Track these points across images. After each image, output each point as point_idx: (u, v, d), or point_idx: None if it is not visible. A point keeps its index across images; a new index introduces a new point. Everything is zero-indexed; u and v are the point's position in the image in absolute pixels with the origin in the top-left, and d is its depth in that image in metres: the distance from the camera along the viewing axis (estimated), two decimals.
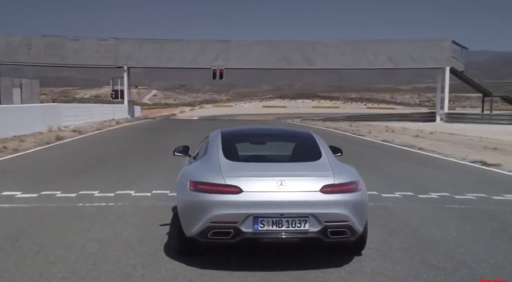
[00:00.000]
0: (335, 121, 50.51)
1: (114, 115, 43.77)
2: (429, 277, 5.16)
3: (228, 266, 5.50)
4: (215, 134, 6.61)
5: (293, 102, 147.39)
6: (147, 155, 16.81)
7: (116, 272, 5.42)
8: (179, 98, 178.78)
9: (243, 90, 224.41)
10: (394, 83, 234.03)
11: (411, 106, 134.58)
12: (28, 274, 5.36)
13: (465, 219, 7.76)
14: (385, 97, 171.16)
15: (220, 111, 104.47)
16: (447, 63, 49.03)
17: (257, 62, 50.87)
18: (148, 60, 51.54)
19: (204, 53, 50.11)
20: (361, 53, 49.94)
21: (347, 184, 5.45)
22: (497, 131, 31.81)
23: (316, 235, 5.26)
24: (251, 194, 5.29)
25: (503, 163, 14.63)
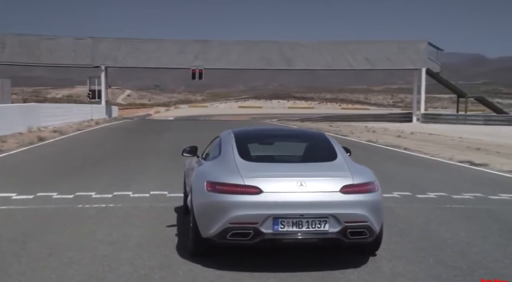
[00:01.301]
0: (314, 121, 50.81)
1: (92, 115, 43.22)
2: (448, 277, 5.20)
3: (246, 267, 5.47)
4: (227, 135, 6.58)
5: (269, 102, 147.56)
6: (135, 156, 16.65)
7: (134, 274, 5.36)
8: (154, 99, 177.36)
9: (218, 91, 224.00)
10: (367, 84, 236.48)
11: (384, 107, 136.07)
12: (45, 276, 5.28)
13: (469, 219, 7.87)
14: (359, 98, 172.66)
15: (196, 111, 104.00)
16: (423, 65, 49.78)
17: (236, 62, 50.86)
18: (126, 60, 51.07)
19: (182, 53, 49.89)
20: (339, 54, 50.34)
21: (366, 184, 5.48)
22: (474, 131, 32.42)
23: (336, 235, 5.27)
24: (272, 195, 5.27)
25: (489, 162, 14.91)
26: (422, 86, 50.15)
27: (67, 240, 6.57)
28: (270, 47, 51.29)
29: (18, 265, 5.61)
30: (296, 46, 51.50)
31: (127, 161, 15.18)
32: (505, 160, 15.97)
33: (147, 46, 51.12)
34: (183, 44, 51.62)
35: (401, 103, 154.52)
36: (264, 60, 50.68)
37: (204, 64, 49.24)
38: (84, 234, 6.91)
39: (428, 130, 33.26)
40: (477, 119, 48.92)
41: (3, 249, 6.17)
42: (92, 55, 50.16)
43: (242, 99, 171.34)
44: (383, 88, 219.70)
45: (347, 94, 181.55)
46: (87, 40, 51.27)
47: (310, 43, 52.75)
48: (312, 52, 50.44)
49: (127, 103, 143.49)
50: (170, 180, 11.47)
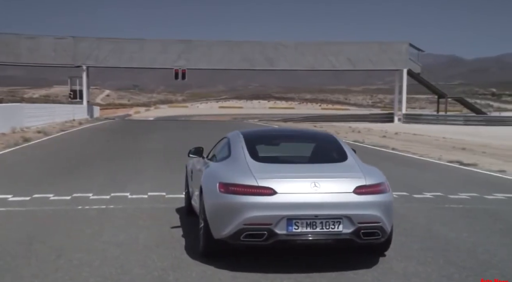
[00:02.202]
0: (296, 122, 50.98)
1: (74, 115, 42.77)
2: (461, 277, 5.26)
3: (259, 268, 5.47)
4: (235, 136, 6.58)
5: (249, 103, 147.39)
6: (126, 157, 16.55)
7: (148, 275, 5.35)
8: (133, 99, 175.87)
9: (198, 91, 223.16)
10: (346, 84, 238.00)
11: (364, 107, 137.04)
12: (58, 278, 5.25)
13: (470, 219, 7.99)
14: (339, 98, 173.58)
15: (176, 111, 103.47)
16: (405, 65, 50.28)
17: (219, 62, 50.75)
18: (107, 60, 50.59)
19: (165, 53, 49.62)
20: (322, 54, 50.59)
21: (378, 185, 5.54)
22: (456, 132, 32.86)
23: (349, 236, 5.30)
24: (286, 196, 5.29)
25: (478, 162, 15.15)
26: (404, 87, 50.65)
27: (74, 242, 6.53)
28: (253, 47, 51.32)
29: (28, 267, 5.57)
30: (278, 46, 51.58)
31: (118, 161, 15.08)
32: (492, 159, 16.24)
33: (129, 45, 50.73)
34: (165, 44, 51.33)
35: (380, 103, 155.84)
36: (246, 60, 50.68)
37: (187, 64, 49.06)
38: (89, 235, 6.86)
39: (411, 130, 33.62)
40: (457, 120, 49.63)
41: (10, 252, 6.11)
42: (73, 55, 49.57)
43: (222, 99, 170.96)
44: (362, 89, 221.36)
45: (327, 95, 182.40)
46: (68, 40, 50.66)
47: (293, 43, 52.87)
48: (295, 52, 50.59)
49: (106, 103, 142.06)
50: (166, 180, 11.45)
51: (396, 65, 50.80)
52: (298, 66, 52.21)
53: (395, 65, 50.90)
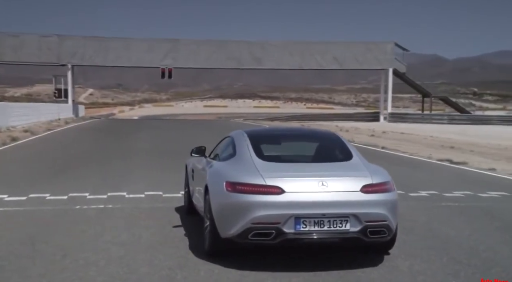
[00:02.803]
0: (283, 121, 51.12)
1: (60, 115, 42.37)
2: (466, 275, 5.33)
3: (267, 267, 5.49)
4: (239, 135, 6.59)
5: (234, 102, 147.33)
6: (117, 156, 16.48)
7: (155, 275, 5.36)
8: (117, 98, 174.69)
9: (182, 90, 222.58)
10: (331, 83, 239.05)
11: (348, 106, 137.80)
12: (66, 278, 5.24)
13: (467, 217, 8.09)
14: (323, 97, 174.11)
15: (161, 111, 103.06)
16: (390, 65, 50.64)
17: (206, 61, 50.62)
18: (93, 59, 50.21)
19: (151, 52, 49.36)
20: (309, 54, 50.74)
21: (384, 184, 5.59)
22: (442, 130, 33.18)
23: (356, 235, 5.34)
24: (294, 195, 5.32)
25: (467, 161, 15.34)
26: (389, 86, 51.00)
27: (77, 242, 6.51)
28: (240, 46, 51.28)
29: (34, 267, 5.55)
30: (266, 46, 51.61)
31: (110, 161, 15.01)
32: (481, 158, 16.45)
33: (116, 44, 50.38)
34: (152, 43, 51.08)
35: (364, 102, 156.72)
36: (234, 59, 50.63)
37: (174, 63, 48.86)
38: (91, 235, 6.84)
39: (397, 129, 33.87)
40: (442, 119, 50.16)
41: (14, 252, 6.09)
42: (58, 53, 49.05)
43: (207, 98, 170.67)
44: (346, 88, 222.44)
45: (311, 94, 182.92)
46: (53, 38, 50.14)
47: (280, 43, 52.98)
48: (282, 52, 50.69)
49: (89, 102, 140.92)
50: (161, 180, 11.44)
51: (382, 65, 51.16)
52: (285, 66, 52.30)
53: (381, 65, 51.27)
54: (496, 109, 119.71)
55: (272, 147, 6.58)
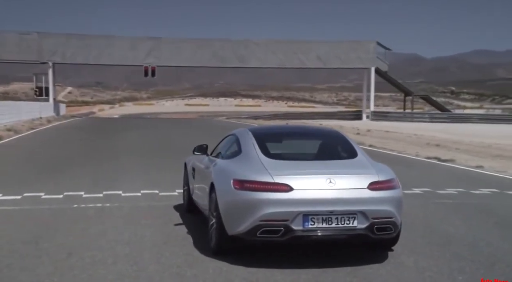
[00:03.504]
0: (266, 119, 51.19)
1: (41, 113, 41.88)
2: (471, 270, 5.41)
3: (275, 264, 5.52)
4: (244, 133, 6.62)
5: (216, 100, 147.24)
6: (107, 155, 16.38)
7: (165, 272, 5.37)
8: (97, 96, 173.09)
9: (163, 88, 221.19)
10: (311, 82, 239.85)
11: (329, 105, 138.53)
12: (76, 276, 5.24)
13: (463, 214, 8.21)
14: (304, 96, 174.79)
15: (142, 109, 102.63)
16: (373, 64, 51.00)
17: (189, 60, 50.43)
18: (75, 56, 49.65)
19: (134, 50, 49.04)
20: (292, 52, 50.89)
21: (390, 181, 5.67)
22: (425, 129, 33.54)
23: (363, 231, 5.40)
24: (302, 192, 5.37)
25: (455, 158, 15.57)
26: (372, 85, 51.42)
27: (80, 241, 6.49)
28: (223, 45, 51.21)
29: (42, 265, 5.53)
30: (249, 44, 51.59)
31: (100, 160, 14.93)
32: (467, 156, 16.69)
33: (98, 42, 49.94)
34: (134, 41, 50.78)
35: (345, 101, 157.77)
36: (217, 58, 50.54)
37: (157, 62, 48.59)
38: (94, 234, 6.82)
39: (381, 127, 34.14)
40: (423, 117, 50.74)
41: (18, 251, 6.05)
42: (38, 51, 48.41)
43: (188, 97, 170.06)
44: (327, 87, 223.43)
45: (293, 93, 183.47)
46: (33, 35, 49.45)
47: (264, 41, 53.01)
48: (265, 50, 50.76)
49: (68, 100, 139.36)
50: (155, 178, 11.43)
51: (364, 64, 51.54)
52: (268, 64, 52.41)
53: (363, 64, 51.64)
54: (473, 107, 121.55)
55: (276, 144, 6.61)
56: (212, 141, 8.21)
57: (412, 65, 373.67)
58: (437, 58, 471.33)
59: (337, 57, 51.50)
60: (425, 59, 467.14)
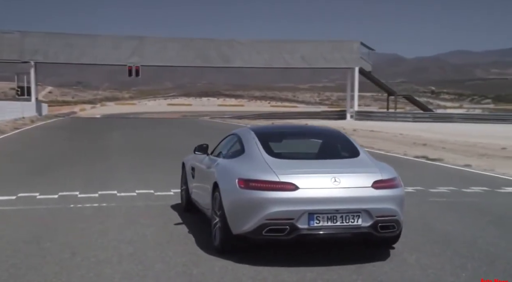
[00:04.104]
0: (251, 119, 51.23)
1: (23, 113, 41.38)
2: (473, 267, 5.50)
3: (280, 262, 5.56)
4: (246, 132, 6.65)
5: (198, 100, 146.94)
6: (96, 155, 16.35)
7: (172, 271, 5.39)
8: (78, 96, 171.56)
9: (144, 88, 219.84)
10: (293, 82, 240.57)
11: (312, 105, 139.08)
12: (84, 275, 5.24)
13: (457, 212, 8.33)
14: (287, 96, 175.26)
15: (124, 109, 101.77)
16: (356, 64, 51.38)
17: (173, 59, 50.28)
18: (57, 56, 49.18)
19: (118, 49, 48.72)
20: (277, 52, 51.03)
21: (393, 180, 5.75)
22: (409, 128, 33.87)
23: (368, 230, 5.47)
24: (308, 191, 5.42)
25: (443, 157, 15.79)
26: (356, 85, 51.76)
27: (82, 240, 6.48)
28: (208, 44, 51.15)
29: (48, 265, 5.51)
30: (233, 44, 51.60)
31: (91, 160, 14.87)
32: (454, 155, 16.93)
33: (81, 41, 49.53)
34: (118, 40, 50.49)
35: (327, 101, 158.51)
36: (201, 57, 50.44)
37: (141, 61, 48.33)
38: (95, 233, 6.81)
39: (366, 127, 34.42)
40: (406, 117, 51.22)
41: (21, 250, 6.04)
42: (20, 50, 47.88)
43: (170, 96, 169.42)
44: (309, 87, 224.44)
45: (275, 92, 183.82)
46: (15, 34, 48.89)
47: (248, 41, 53.06)
48: (250, 50, 50.83)
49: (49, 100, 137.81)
50: (147, 178, 11.44)
51: (348, 64, 51.87)
52: (253, 64, 52.50)
53: (347, 64, 51.97)
54: (453, 107, 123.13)
55: (278, 144, 6.64)
56: (200, 141, 8.25)
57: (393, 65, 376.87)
58: (418, 59, 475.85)
59: (321, 57, 51.75)
60: (405, 60, 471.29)
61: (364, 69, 51.76)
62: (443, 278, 5.20)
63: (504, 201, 9.36)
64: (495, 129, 34.29)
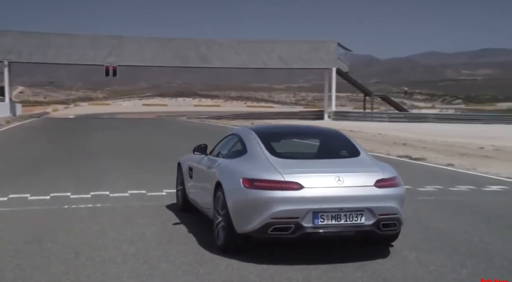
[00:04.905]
0: (230, 119, 51.25)
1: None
2: (472, 264, 5.64)
3: (284, 261, 5.63)
4: (247, 132, 6.70)
5: (174, 100, 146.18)
6: (81, 156, 16.23)
7: (178, 270, 5.43)
8: (50, 96, 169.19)
9: (119, 88, 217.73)
10: (268, 82, 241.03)
11: (287, 105, 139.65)
12: (91, 275, 5.26)
13: (448, 210, 8.49)
14: (263, 96, 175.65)
15: (98, 109, 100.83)
16: (334, 64, 51.74)
17: (151, 59, 49.98)
18: (31, 55, 48.43)
19: (95, 49, 48.16)
20: (255, 53, 51.14)
21: (393, 179, 5.89)
22: (387, 128, 34.30)
23: (370, 228, 5.59)
24: (312, 190, 5.51)
25: (425, 157, 16.09)
26: (333, 85, 52.17)
27: (82, 240, 6.48)
28: (186, 45, 50.96)
29: (53, 265, 5.52)
30: (212, 44, 51.55)
31: (77, 161, 14.80)
32: (435, 154, 17.25)
33: (57, 41, 48.78)
34: (95, 40, 49.94)
35: (303, 101, 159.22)
36: (179, 57, 50.25)
37: (118, 61, 47.88)
38: (94, 234, 6.80)
39: (345, 127, 34.54)
40: (382, 117, 51.86)
41: (23, 251, 6.03)
42: None
43: (146, 97, 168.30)
44: (285, 87, 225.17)
45: (251, 93, 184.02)
46: None
47: (227, 41, 53.07)
48: (229, 50, 50.82)
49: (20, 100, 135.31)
50: (138, 178, 11.43)
51: (326, 64, 52.22)
52: (231, 64, 52.51)
53: (325, 64, 52.32)
54: (426, 107, 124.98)
55: (279, 143, 6.71)
56: (185, 141, 8.31)
57: (367, 66, 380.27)
58: (391, 60, 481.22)
59: (299, 57, 52.02)
60: (379, 60, 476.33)
61: (341, 70, 52.20)
62: (445, 275, 5.32)
63: (492, 199, 9.60)
64: (468, 129, 34.94)
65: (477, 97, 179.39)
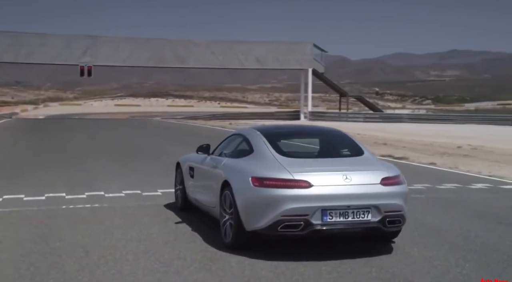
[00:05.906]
0: (206, 120, 51.21)
1: None
2: (474, 259, 5.84)
3: (293, 257, 5.76)
4: (252, 132, 6.81)
5: (147, 101, 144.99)
6: (66, 157, 16.12)
7: (191, 266, 5.53)
8: (18, 96, 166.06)
9: (90, 88, 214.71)
10: (241, 83, 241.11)
11: (261, 105, 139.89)
12: (106, 272, 5.34)
13: (440, 207, 8.72)
14: (237, 96, 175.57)
15: (69, 110, 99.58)
16: (310, 65, 52.09)
17: (127, 59, 49.52)
18: (2, 55, 47.40)
19: (69, 48, 47.46)
20: (231, 53, 51.15)
21: (397, 177, 6.09)
22: (364, 128, 34.70)
23: (376, 225, 5.78)
24: (321, 188, 5.68)
25: (407, 156, 16.43)
26: (309, 86, 52.52)
27: (89, 239, 6.53)
28: (163, 45, 50.67)
29: (67, 263, 5.57)
30: (189, 44, 51.35)
31: (63, 161, 14.73)
32: (417, 153, 17.60)
33: (30, 40, 47.84)
34: (70, 39, 49.22)
35: (276, 101, 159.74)
36: (156, 58, 49.93)
37: (93, 61, 47.28)
38: (100, 233, 6.85)
39: None
40: (357, 117, 52.43)
41: (34, 250, 6.08)
42: None
43: (118, 97, 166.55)
44: (258, 87, 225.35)
45: (225, 93, 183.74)
46: None
47: (204, 42, 52.96)
48: (205, 51, 50.70)
49: None
50: (130, 179, 11.44)
51: (302, 65, 52.55)
52: (208, 65, 52.39)
53: (301, 65, 52.65)
54: (397, 108, 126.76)
55: (284, 143, 6.84)
56: (166, 141, 8.41)
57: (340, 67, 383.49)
58: (362, 61, 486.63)
59: (275, 58, 52.23)
60: (351, 61, 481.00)
61: (317, 71, 52.65)
62: (450, 270, 5.51)
63: (479, 197, 9.88)
64: (442, 129, 35.60)
65: (445, 98, 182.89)
